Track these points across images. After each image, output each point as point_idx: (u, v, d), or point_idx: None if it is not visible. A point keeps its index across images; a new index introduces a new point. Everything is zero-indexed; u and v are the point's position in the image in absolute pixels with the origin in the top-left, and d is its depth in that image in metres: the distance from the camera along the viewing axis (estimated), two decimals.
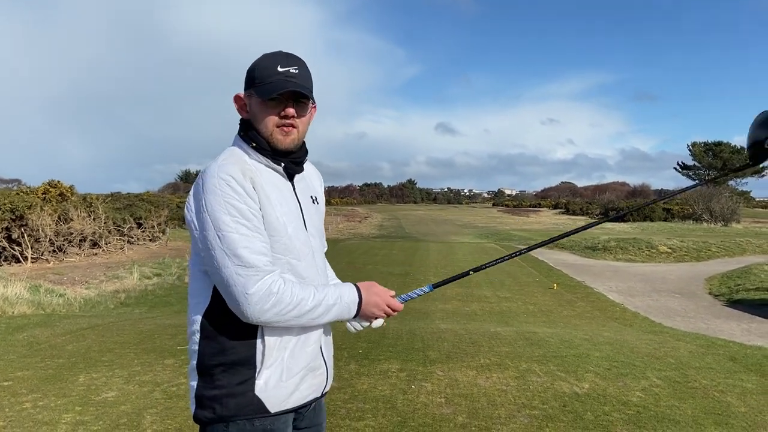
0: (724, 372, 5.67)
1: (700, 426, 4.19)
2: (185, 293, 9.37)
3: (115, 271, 14.49)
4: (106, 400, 4.48)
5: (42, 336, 6.68)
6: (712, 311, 12.10)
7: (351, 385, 4.89)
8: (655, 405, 4.60)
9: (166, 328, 7.21)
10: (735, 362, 6.09)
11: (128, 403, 4.42)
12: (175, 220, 35.44)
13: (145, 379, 5.01)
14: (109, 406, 4.34)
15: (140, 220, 23.48)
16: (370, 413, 4.26)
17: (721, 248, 23.56)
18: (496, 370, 5.42)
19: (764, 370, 5.79)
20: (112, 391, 4.70)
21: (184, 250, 22.33)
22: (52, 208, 17.26)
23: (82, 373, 5.18)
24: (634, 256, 22.42)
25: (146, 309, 10.46)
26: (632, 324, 10.10)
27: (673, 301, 13.24)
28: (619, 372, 5.49)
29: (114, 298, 11.06)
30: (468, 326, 8.43)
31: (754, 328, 10.17)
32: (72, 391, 4.70)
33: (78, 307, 9.76)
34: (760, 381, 5.41)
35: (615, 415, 4.33)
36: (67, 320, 7.86)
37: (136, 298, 11.60)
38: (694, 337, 7.99)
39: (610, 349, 6.54)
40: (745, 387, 5.20)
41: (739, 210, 49.73)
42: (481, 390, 4.85)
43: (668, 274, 17.85)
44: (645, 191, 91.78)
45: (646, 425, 4.16)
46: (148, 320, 8.29)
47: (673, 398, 4.79)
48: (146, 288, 12.46)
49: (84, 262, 17.38)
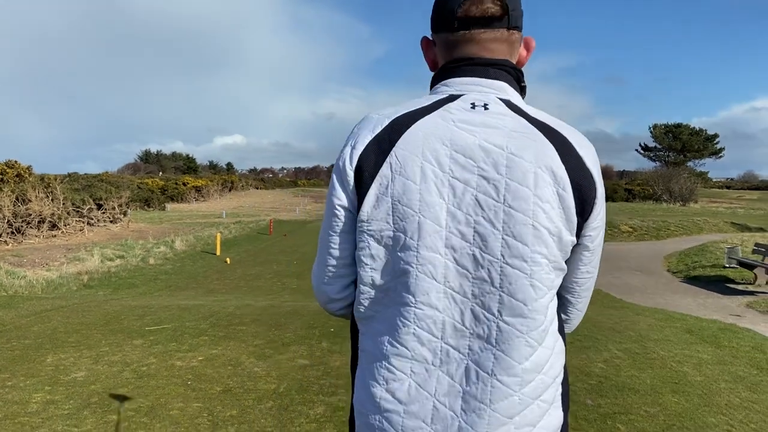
0: (681, 344, 5.92)
1: (658, 394, 4.39)
2: (150, 275, 9.36)
3: (75, 253, 14.18)
4: (75, 380, 4.44)
5: (6, 317, 6.54)
6: (670, 287, 12.52)
7: (324, 363, 4.95)
8: (615, 375, 4.79)
9: (133, 309, 7.13)
10: (691, 334, 6.36)
11: (98, 382, 4.39)
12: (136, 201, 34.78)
13: (114, 359, 4.97)
14: (78, 386, 4.31)
15: (100, 202, 22.95)
16: (343, 388, 4.32)
17: (680, 227, 24.31)
18: None
19: (719, 341, 6.07)
20: (81, 371, 4.66)
21: (146, 231, 21.97)
22: (9, 189, 16.74)
23: (50, 353, 5.11)
24: None
25: (110, 291, 10.31)
26: (594, 300, 10.39)
27: (634, 278, 13.65)
28: (582, 345, 5.68)
29: (77, 280, 10.85)
30: None
31: (709, 303, 10.57)
32: (40, 371, 4.64)
33: (40, 289, 9.55)
34: (714, 352, 5.67)
35: (578, 385, 4.50)
36: (30, 302, 7.70)
37: (100, 279, 11.41)
38: (653, 312, 8.29)
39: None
40: (701, 358, 5.45)
41: (697, 190, 51.27)
42: None
43: (629, 253, 18.36)
44: (608, 173, 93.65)
45: (607, 394, 4.34)
46: (113, 302, 8.18)
47: (632, 369, 4.99)
48: (109, 270, 12.24)
49: (43, 243, 16.95)
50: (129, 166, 78.34)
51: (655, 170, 60.66)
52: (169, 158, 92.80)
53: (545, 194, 1.04)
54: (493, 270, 1.04)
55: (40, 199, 17.58)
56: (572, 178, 1.05)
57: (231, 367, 4.81)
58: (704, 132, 74.62)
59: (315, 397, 4.15)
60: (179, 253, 15.17)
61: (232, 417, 3.80)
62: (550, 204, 1.04)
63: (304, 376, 4.58)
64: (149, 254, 14.43)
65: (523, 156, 1.05)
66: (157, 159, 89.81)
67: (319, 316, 6.79)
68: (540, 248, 1.04)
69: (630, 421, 3.85)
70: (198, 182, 49.10)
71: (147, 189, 39.39)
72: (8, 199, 16.33)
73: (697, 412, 4.06)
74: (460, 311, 1.06)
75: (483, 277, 1.04)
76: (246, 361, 4.97)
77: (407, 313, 1.07)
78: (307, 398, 4.12)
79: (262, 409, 3.94)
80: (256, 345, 5.47)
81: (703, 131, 74.68)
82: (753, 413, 4.07)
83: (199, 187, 48.41)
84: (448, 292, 1.05)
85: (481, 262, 1.05)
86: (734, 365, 5.22)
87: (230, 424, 3.69)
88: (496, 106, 1.11)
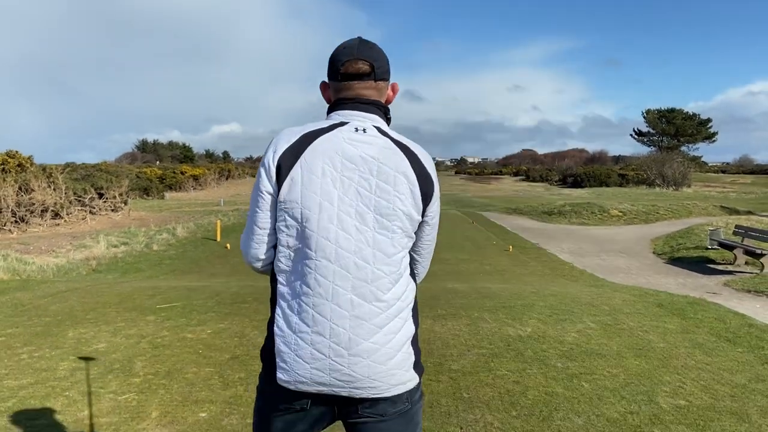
0: (651, 316, 6.42)
1: (622, 358, 4.89)
2: (155, 260, 9.95)
3: (81, 241, 14.63)
4: (97, 350, 4.92)
5: (24, 298, 7.02)
6: (654, 268, 13.04)
7: None
8: (586, 343, 5.29)
9: (143, 290, 7.62)
10: (662, 308, 6.86)
11: (118, 352, 4.87)
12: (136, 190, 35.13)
13: (131, 332, 5.45)
14: (101, 355, 4.79)
15: (101, 191, 23.34)
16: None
17: (669, 211, 24.82)
18: (451, 319, 6.04)
19: (686, 314, 6.57)
20: (101, 343, 5.14)
21: (147, 219, 22.39)
22: (12, 179, 17.14)
23: (70, 329, 5.58)
24: (587, 219, 23.47)
25: (118, 275, 10.78)
26: (578, 280, 10.91)
27: (619, 260, 14.17)
28: (558, 318, 6.18)
29: (85, 265, 11.32)
30: (428, 285, 9.04)
31: (689, 282, 11.09)
32: (64, 343, 5.11)
33: (52, 274, 10.02)
34: (680, 323, 6.17)
35: (551, 352, 4.99)
36: (44, 285, 8.17)
37: (107, 264, 11.88)
38: (630, 289, 8.79)
39: (554, 299, 7.23)
40: (667, 327, 5.95)
41: (690, 175, 51.74)
42: (436, 335, 5.45)
43: (617, 236, 18.87)
44: (603, 158, 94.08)
45: (576, 358, 4.83)
46: (123, 284, 8.66)
47: (602, 337, 5.49)
48: (116, 256, 12.71)
49: (47, 232, 17.38)
50: (126, 156, 78.40)
51: (648, 155, 61.13)
52: (166, 147, 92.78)
53: (401, 189, 1.63)
54: (368, 236, 1.61)
55: (42, 189, 17.98)
56: (418, 180, 1.66)
57: (237, 338, 5.29)
58: (698, 117, 75.04)
59: None
60: (181, 240, 15.64)
61: (241, 379, 4.29)
62: (405, 195, 1.63)
63: None
64: (152, 241, 14.90)
65: (387, 164, 1.63)
66: (154, 148, 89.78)
67: None
68: (397, 223, 1.63)
69: (593, 380, 4.35)
70: (195, 171, 49.41)
71: (146, 178, 39.73)
72: (11, 188, 16.73)
73: (655, 372, 4.56)
74: (345, 263, 1.59)
75: (361, 240, 1.60)
76: (250, 333, 5.45)
77: (310, 265, 1.60)
78: None
79: None
80: (259, 320, 5.94)
81: (696, 116, 75.09)
82: (705, 373, 4.57)
83: (197, 176, 48.73)
84: (338, 250, 1.59)
85: (361, 230, 1.61)
86: (696, 333, 5.72)
87: (239, 384, 4.18)
88: (371, 130, 1.68)
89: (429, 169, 1.69)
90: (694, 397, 4.07)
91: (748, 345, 5.35)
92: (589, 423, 3.60)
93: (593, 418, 3.67)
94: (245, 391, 4.05)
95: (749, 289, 9.89)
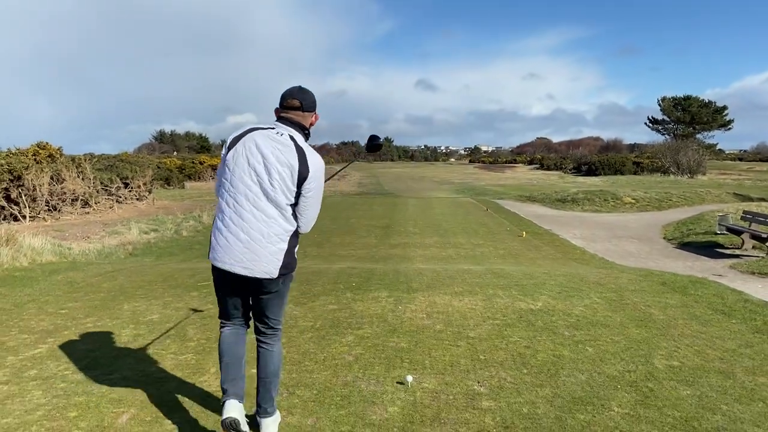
0: (654, 293, 6.90)
1: (624, 328, 5.39)
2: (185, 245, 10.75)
3: (112, 228, 15.33)
4: (152, 321, 5.52)
5: (77, 277, 7.65)
6: (664, 252, 13.45)
7: (349, 307, 5.98)
8: (592, 315, 5.80)
9: (183, 271, 8.23)
10: (665, 286, 7.33)
11: (171, 321, 5.47)
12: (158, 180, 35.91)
13: (179, 305, 6.05)
14: (156, 324, 5.39)
15: (126, 180, 24.08)
16: (367, 324, 5.36)
17: (682, 198, 25.06)
18: (467, 295, 6.56)
19: (687, 290, 7.03)
20: (154, 314, 5.74)
21: (171, 208, 23.11)
22: (45, 169, 17.88)
23: (125, 302, 6.20)
24: (599, 207, 23.81)
25: (154, 258, 11.43)
26: (589, 263, 11.37)
27: (630, 245, 14.58)
28: (567, 294, 6.68)
29: (122, 250, 12.00)
30: (445, 266, 9.57)
31: (697, 266, 11.50)
32: (121, 315, 5.72)
33: (94, 257, 10.70)
34: (681, 298, 6.65)
35: (559, 322, 5.51)
36: (91, 266, 8.82)
37: (142, 249, 12.55)
38: (637, 270, 9.25)
39: (564, 279, 7.73)
40: (668, 302, 6.43)
41: (705, 162, 51.55)
42: (455, 308, 5.98)
43: (629, 223, 19.23)
44: (618, 146, 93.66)
45: (582, 328, 5.34)
46: (161, 266, 9.29)
47: (607, 311, 5.99)
48: (149, 241, 13.39)
49: (79, 220, 18.13)
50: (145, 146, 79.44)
51: (663, 143, 60.91)
52: (183, 138, 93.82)
53: (286, 174, 2.89)
54: (268, 198, 2.92)
55: (73, 179, 18.72)
56: (299, 169, 2.89)
57: None
58: (713, 104, 74.46)
59: (345, 330, 5.18)
60: (208, 227, 16.28)
61: (283, 343, 4.82)
62: (288, 178, 2.90)
63: (334, 317, 5.62)
64: (181, 227, 15.55)
65: (284, 157, 2.90)
66: (171, 139, 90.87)
67: (341, 274, 7.82)
68: (284, 192, 2.92)
69: (597, 345, 4.86)
70: (213, 161, 50.14)
71: (165, 168, 40.52)
72: (45, 178, 17.47)
73: (653, 339, 5.06)
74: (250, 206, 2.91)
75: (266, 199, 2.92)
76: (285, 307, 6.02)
77: (229, 197, 2.94)
78: (339, 331, 5.15)
79: (305, 338, 4.99)
80: (292, 296, 6.50)
81: (712, 103, 74.52)
82: (699, 340, 5.07)
83: (215, 165, 49.47)
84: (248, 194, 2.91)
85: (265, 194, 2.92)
86: (694, 308, 6.20)
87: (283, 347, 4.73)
88: (287, 136, 2.96)
89: (310, 164, 2.93)
90: (687, 359, 4.57)
91: (742, 317, 5.82)
92: (591, 379, 4.12)
93: (595, 375, 4.19)
94: (287, 353, 4.60)
95: (753, 271, 10.30)
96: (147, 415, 3.47)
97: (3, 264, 7.95)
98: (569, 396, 3.80)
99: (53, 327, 5.33)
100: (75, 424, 3.34)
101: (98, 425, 3.33)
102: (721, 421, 3.48)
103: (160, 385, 3.96)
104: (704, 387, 3.99)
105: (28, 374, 4.16)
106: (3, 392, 3.83)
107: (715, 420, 3.49)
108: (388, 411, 3.56)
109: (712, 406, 3.69)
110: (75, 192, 18.73)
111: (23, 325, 5.39)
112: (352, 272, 8.09)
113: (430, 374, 4.16)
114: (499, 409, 3.61)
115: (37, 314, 5.79)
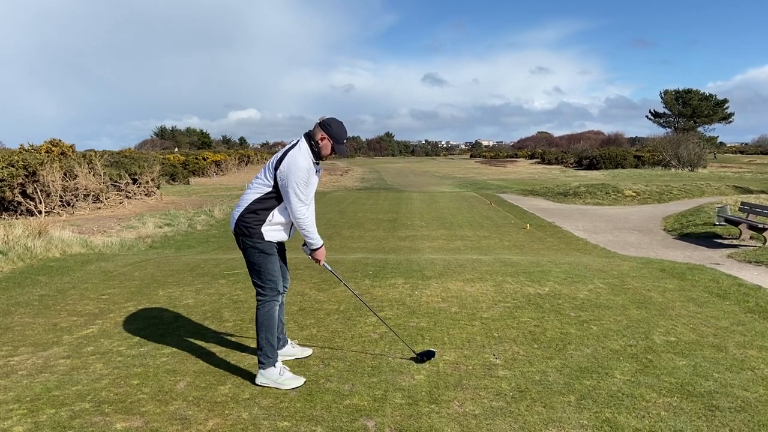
0: (653, 278, 7.33)
1: (626, 309, 5.81)
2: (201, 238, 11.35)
3: (127, 222, 15.76)
4: (188, 305, 5.95)
5: (109, 267, 8.09)
6: (663, 243, 13.86)
7: (369, 293, 6.41)
8: (596, 298, 6.22)
9: (207, 261, 8.67)
10: (664, 272, 7.75)
11: (206, 305, 5.90)
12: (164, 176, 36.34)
13: (211, 291, 6.48)
14: (192, 308, 5.82)
15: (135, 176, 24.49)
16: (387, 307, 5.79)
17: (682, 191, 25.46)
18: (479, 282, 6.99)
19: (685, 276, 7.46)
20: (189, 299, 6.17)
21: (180, 203, 23.53)
22: (58, 165, 18.29)
23: (159, 289, 6.63)
24: (601, 200, 24.21)
25: (174, 250, 11.86)
26: (591, 253, 11.79)
27: (631, 236, 14.99)
28: (572, 280, 7.11)
29: (142, 243, 12.43)
30: (454, 256, 10.00)
31: (695, 255, 11.90)
32: (158, 300, 6.15)
33: (117, 249, 11.14)
34: (679, 283, 7.07)
35: (565, 305, 5.94)
36: (118, 257, 9.26)
37: (161, 242, 12.98)
38: (638, 259, 9.68)
39: (569, 267, 8.15)
40: (666, 287, 6.86)
41: (706, 155, 51.89)
42: (468, 293, 6.41)
43: (630, 215, 19.64)
44: (619, 139, 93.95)
45: (587, 309, 5.77)
46: (184, 257, 9.72)
47: (610, 294, 6.42)
48: (165, 234, 13.83)
49: (92, 215, 18.56)
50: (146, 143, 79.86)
51: (664, 136, 61.23)
52: (184, 134, 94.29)
53: (272, 165, 3.85)
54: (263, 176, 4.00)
55: (85, 174, 19.14)
56: (277, 162, 3.80)
57: (300, 296, 6.29)
58: (714, 97, 74.74)
59: (368, 312, 5.60)
60: (220, 221, 16.72)
61: (311, 324, 5.28)
62: (272, 167, 3.84)
63: (357, 301, 6.04)
64: (193, 222, 15.98)
65: (280, 155, 3.85)
66: (172, 135, 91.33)
67: (357, 264, 8.25)
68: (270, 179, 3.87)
69: (601, 324, 5.28)
70: (217, 157, 50.56)
71: (170, 164, 40.94)
72: (58, 174, 17.89)
73: (653, 319, 5.49)
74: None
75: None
76: (310, 292, 6.45)
77: None
78: (363, 313, 5.58)
79: (332, 319, 5.42)
80: (314, 282, 6.94)
81: (712, 96, 74.80)
82: (695, 319, 5.49)
83: (219, 161, 49.90)
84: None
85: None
86: (691, 291, 6.62)
87: (312, 326, 5.17)
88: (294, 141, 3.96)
89: (285, 160, 3.74)
90: (683, 335, 4.99)
91: (736, 299, 6.24)
92: (596, 352, 4.55)
93: (599, 349, 4.61)
94: (317, 332, 5.03)
95: (750, 260, 10.71)
96: (201, 383, 3.90)
97: (37, 254, 8.38)
98: (576, 366, 4.23)
99: (98, 310, 5.77)
100: (139, 389, 3.77)
101: (159, 390, 3.76)
102: (713, 386, 3.90)
103: (208, 358, 4.39)
104: (698, 358, 4.42)
105: (86, 350, 4.60)
106: (67, 365, 4.27)
107: (708, 385, 3.91)
108: (415, 378, 3.99)
109: (705, 374, 4.11)
110: (87, 188, 19.15)
111: (70, 309, 5.83)
112: (367, 262, 8.51)
113: (450, 349, 4.59)
114: (513, 377, 4.04)
115: (80, 299, 6.22)
